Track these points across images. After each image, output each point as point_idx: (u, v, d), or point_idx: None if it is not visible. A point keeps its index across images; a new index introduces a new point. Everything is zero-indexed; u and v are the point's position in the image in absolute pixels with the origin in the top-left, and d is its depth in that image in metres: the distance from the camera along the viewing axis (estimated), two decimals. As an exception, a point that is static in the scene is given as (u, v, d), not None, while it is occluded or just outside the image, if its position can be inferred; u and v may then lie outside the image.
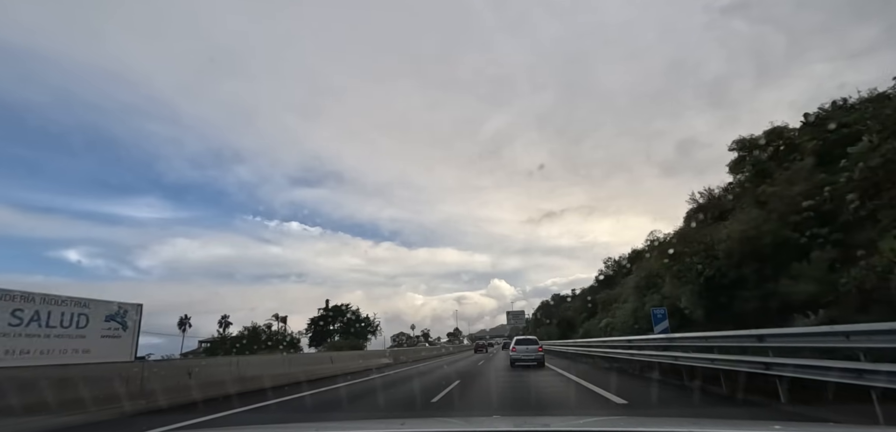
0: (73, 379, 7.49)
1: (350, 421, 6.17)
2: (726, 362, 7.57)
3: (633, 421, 3.87)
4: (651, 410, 6.72)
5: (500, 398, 8.80)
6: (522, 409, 7.40)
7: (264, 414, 7.76)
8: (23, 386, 6.79)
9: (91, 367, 8.85)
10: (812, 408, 5.62)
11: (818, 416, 5.37)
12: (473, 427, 2.54)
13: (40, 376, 7.32)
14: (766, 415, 5.82)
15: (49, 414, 6.65)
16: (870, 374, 4.65)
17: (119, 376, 8.27)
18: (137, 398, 8.22)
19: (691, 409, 6.69)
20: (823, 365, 5.34)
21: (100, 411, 7.31)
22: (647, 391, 8.80)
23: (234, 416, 7.55)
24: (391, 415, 7.25)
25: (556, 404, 7.81)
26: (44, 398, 6.81)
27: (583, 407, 7.34)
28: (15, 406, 6.42)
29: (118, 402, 7.77)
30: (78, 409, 7.05)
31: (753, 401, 6.72)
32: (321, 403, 9.09)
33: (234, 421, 7.20)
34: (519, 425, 2.65)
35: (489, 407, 7.70)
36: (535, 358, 16.99)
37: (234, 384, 10.63)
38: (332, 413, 7.93)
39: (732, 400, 7.11)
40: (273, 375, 12.48)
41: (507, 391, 9.89)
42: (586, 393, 8.97)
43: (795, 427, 3.16)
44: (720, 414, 6.29)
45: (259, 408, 8.33)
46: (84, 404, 7.14)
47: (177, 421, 6.80)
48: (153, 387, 8.69)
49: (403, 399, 9.37)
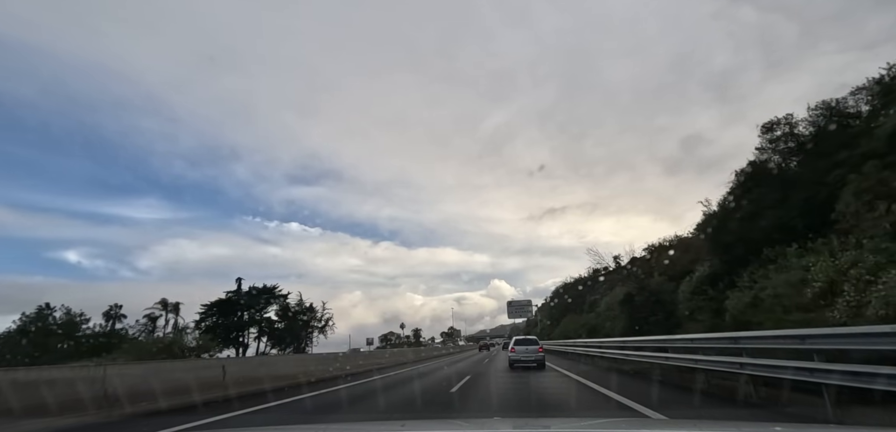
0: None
1: (350, 422, 6.16)
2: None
3: (634, 422, 4.04)
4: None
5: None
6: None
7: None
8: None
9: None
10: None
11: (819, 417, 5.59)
12: (474, 428, 2.62)
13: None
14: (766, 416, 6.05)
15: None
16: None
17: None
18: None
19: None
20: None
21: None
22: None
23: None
24: (391, 416, 7.34)
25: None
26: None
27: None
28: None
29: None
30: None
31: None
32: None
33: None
34: (519, 426, 2.71)
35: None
36: (536, 359, 16.97)
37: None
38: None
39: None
40: (94, 396, 7.81)
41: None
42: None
43: (796, 427, 3.14)
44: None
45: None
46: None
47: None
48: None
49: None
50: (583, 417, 6.21)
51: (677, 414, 6.40)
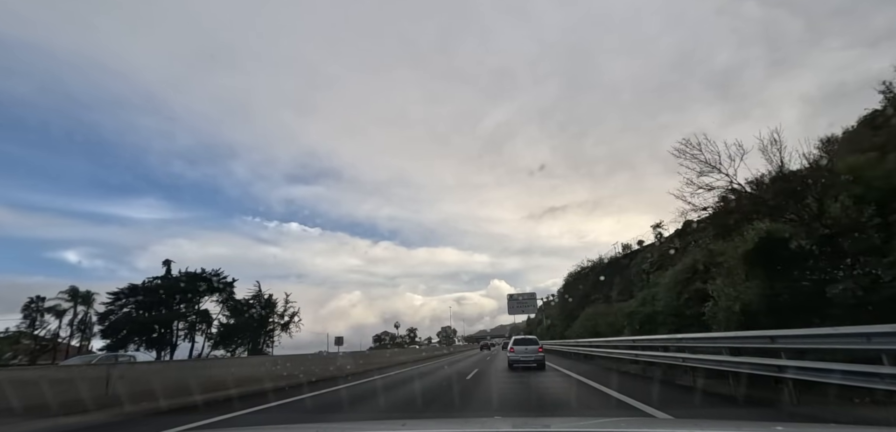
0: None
1: (351, 422, 6.21)
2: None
3: (634, 422, 3.98)
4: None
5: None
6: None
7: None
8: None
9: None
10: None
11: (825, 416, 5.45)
12: (474, 427, 2.55)
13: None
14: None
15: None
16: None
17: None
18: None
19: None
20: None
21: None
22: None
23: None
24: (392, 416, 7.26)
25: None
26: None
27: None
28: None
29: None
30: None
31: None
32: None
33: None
34: (519, 426, 2.65)
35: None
36: (536, 359, 16.88)
37: None
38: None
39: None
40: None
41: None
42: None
43: (797, 427, 3.15)
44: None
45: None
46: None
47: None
48: None
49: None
50: (584, 416, 6.11)
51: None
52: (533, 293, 60.49)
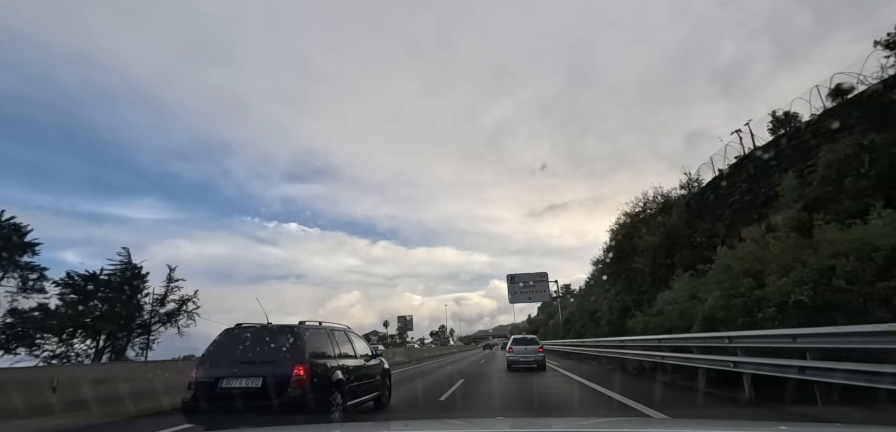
0: None
1: (350, 422, 6.34)
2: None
3: (634, 422, 4.04)
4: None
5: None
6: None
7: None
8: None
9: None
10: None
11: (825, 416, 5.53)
12: (476, 428, 2.61)
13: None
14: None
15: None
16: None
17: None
18: None
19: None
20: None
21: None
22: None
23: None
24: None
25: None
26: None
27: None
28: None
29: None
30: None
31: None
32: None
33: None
34: (521, 426, 2.69)
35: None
36: (535, 359, 16.74)
37: None
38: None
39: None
40: None
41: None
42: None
43: (798, 427, 3.14)
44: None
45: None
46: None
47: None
48: None
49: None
50: (584, 416, 6.09)
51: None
52: (544, 273, 44.66)
